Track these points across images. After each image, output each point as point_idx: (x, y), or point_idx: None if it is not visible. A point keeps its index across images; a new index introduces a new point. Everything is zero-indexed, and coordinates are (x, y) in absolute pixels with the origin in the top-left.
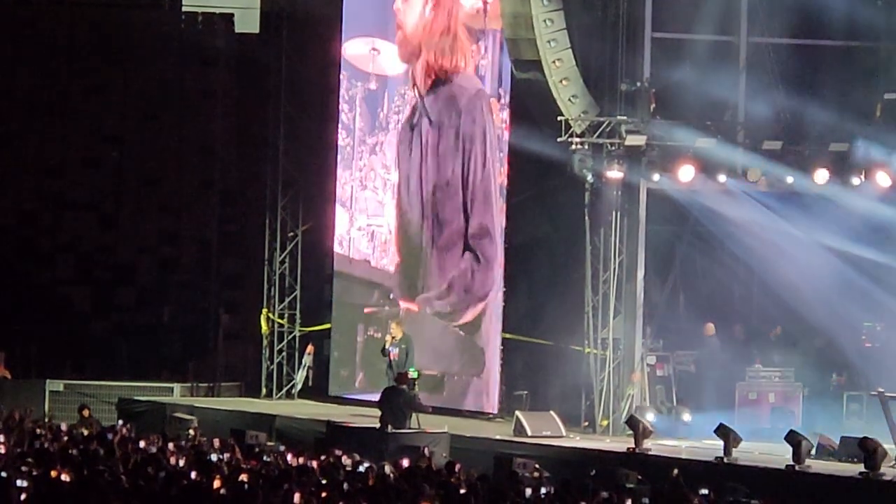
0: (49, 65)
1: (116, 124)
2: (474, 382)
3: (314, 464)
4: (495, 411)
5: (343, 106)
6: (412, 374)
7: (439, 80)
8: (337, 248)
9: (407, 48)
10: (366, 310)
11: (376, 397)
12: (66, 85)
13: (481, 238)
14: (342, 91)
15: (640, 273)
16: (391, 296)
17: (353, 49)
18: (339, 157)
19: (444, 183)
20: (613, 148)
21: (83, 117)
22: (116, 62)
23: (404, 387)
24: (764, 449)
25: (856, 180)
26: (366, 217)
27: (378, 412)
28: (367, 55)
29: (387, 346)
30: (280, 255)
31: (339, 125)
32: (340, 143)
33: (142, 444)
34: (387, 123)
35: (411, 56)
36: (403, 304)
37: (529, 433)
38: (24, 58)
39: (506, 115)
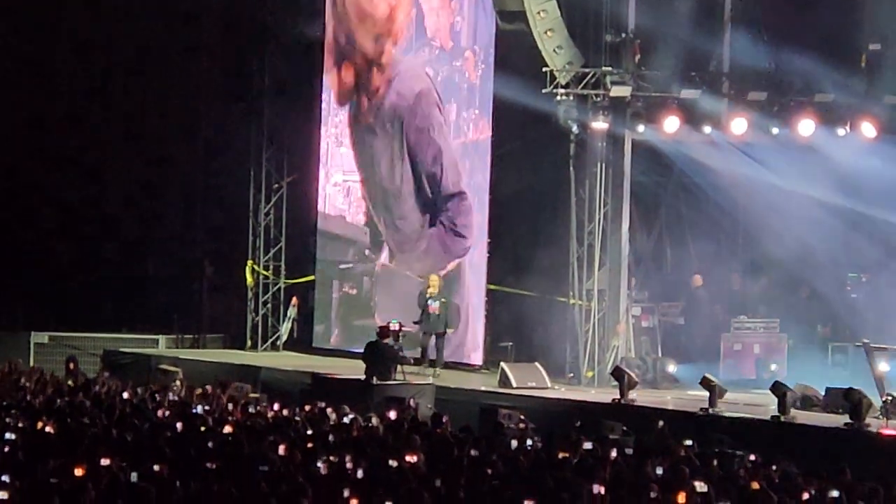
0: (33, 19)
1: (100, 78)
2: (452, 336)
3: (299, 415)
4: (480, 363)
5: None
6: (393, 325)
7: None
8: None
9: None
10: (341, 266)
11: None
12: (49, 39)
13: (454, 207)
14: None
15: (625, 224)
16: (366, 252)
17: None
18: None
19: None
20: (598, 99)
21: (67, 71)
22: (100, 16)
23: (387, 340)
24: (749, 400)
25: (841, 131)
26: (341, 173)
27: (363, 364)
28: None
29: (427, 299)
30: (265, 207)
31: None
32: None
33: (125, 395)
34: None
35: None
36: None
37: (514, 384)
38: (8, 12)
39: (480, 71)
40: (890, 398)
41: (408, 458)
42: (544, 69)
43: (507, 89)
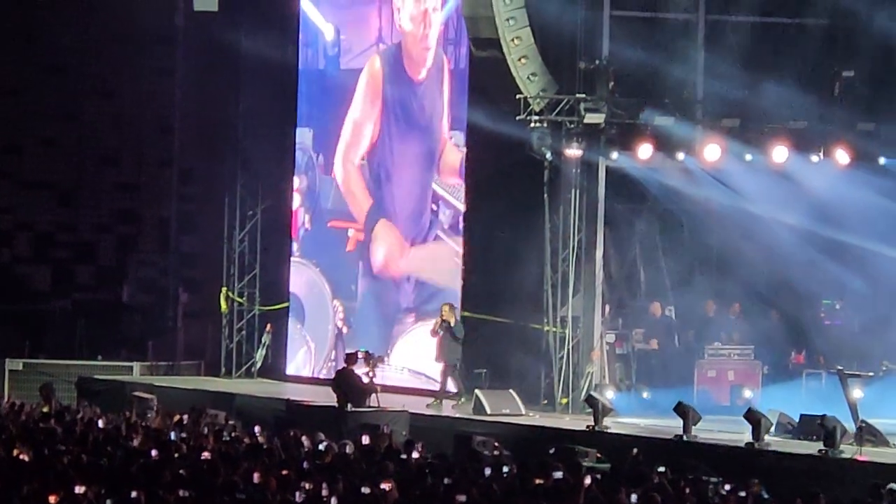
0: (6, 43)
1: (74, 102)
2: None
3: (274, 442)
4: (455, 390)
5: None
6: (361, 352)
7: None
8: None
9: None
10: None
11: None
12: (23, 62)
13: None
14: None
15: (599, 251)
16: None
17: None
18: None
19: None
20: (572, 126)
21: (41, 95)
22: (74, 39)
23: (353, 367)
24: (723, 427)
25: (814, 158)
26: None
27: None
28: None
29: (436, 328)
30: (239, 234)
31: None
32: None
33: (101, 423)
34: None
35: None
36: None
37: (489, 411)
38: None
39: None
40: (864, 425)
41: (382, 486)
42: (518, 96)
43: (481, 116)
